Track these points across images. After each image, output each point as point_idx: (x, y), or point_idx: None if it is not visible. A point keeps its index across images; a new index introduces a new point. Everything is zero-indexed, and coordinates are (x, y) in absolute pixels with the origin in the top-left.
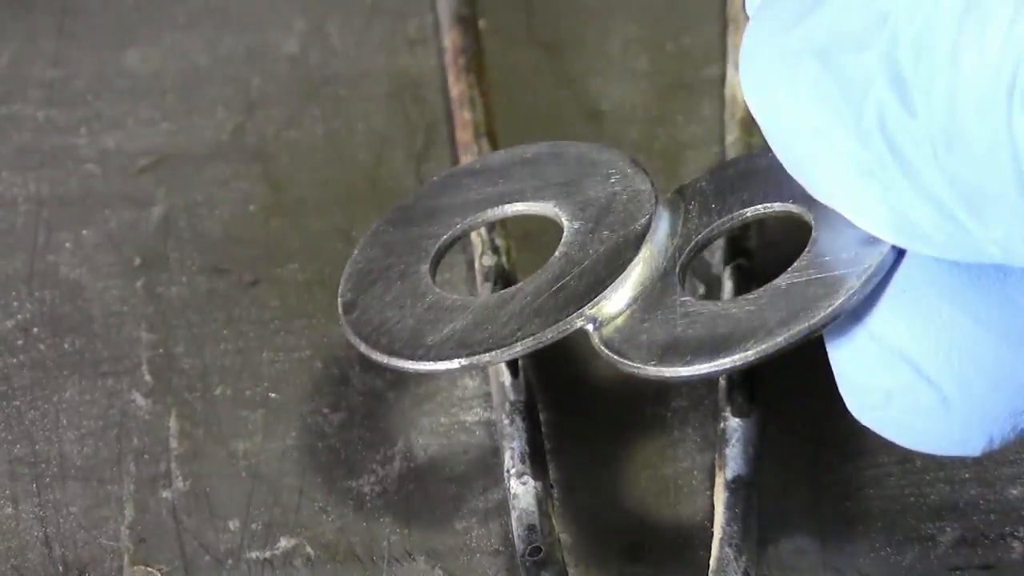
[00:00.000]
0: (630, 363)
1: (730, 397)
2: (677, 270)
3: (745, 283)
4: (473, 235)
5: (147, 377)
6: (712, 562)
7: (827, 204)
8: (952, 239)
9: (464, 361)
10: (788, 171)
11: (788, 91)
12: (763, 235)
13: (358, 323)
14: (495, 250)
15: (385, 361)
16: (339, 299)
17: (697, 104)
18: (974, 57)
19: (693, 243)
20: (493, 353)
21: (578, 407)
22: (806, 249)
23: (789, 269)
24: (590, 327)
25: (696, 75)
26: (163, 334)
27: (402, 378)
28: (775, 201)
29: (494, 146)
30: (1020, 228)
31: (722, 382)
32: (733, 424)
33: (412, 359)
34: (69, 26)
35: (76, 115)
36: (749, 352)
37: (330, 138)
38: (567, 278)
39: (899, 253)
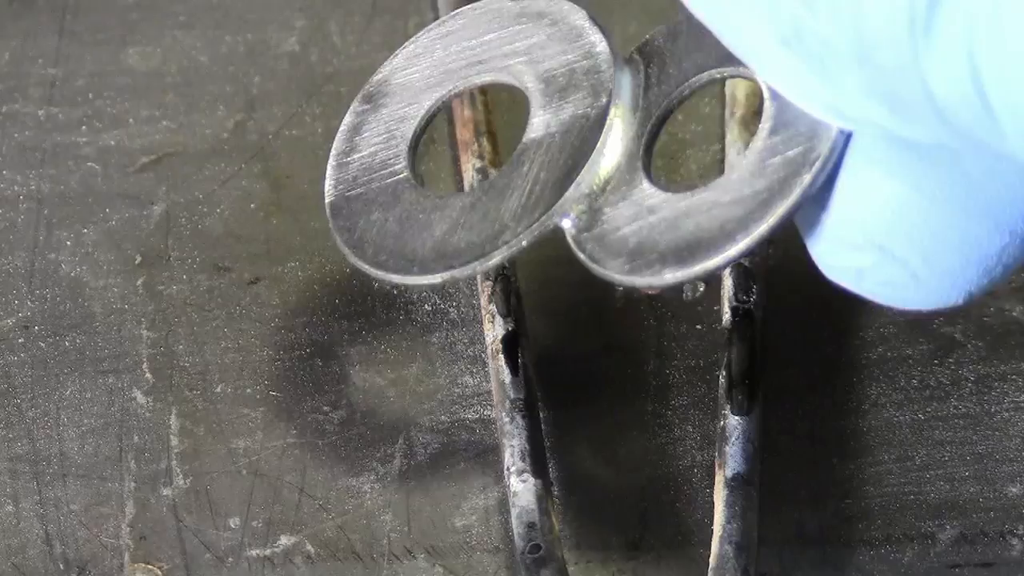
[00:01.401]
0: (604, 271)
1: (730, 395)
2: (641, 152)
3: (745, 280)
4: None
5: (148, 375)
6: (712, 560)
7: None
8: (885, 129)
9: (446, 275)
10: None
11: None
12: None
13: (345, 229)
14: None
15: (372, 273)
16: (325, 200)
17: (697, 102)
18: None
19: (654, 119)
20: (473, 265)
21: (578, 405)
22: (760, 125)
23: (747, 151)
24: (566, 224)
25: None
26: (164, 332)
27: (403, 376)
28: (728, 65)
29: (493, 144)
30: (944, 132)
31: (722, 380)
32: (733, 422)
33: (397, 272)
34: (70, 24)
35: (77, 113)
36: (709, 263)
37: (330, 136)
38: (536, 170)
39: (845, 139)
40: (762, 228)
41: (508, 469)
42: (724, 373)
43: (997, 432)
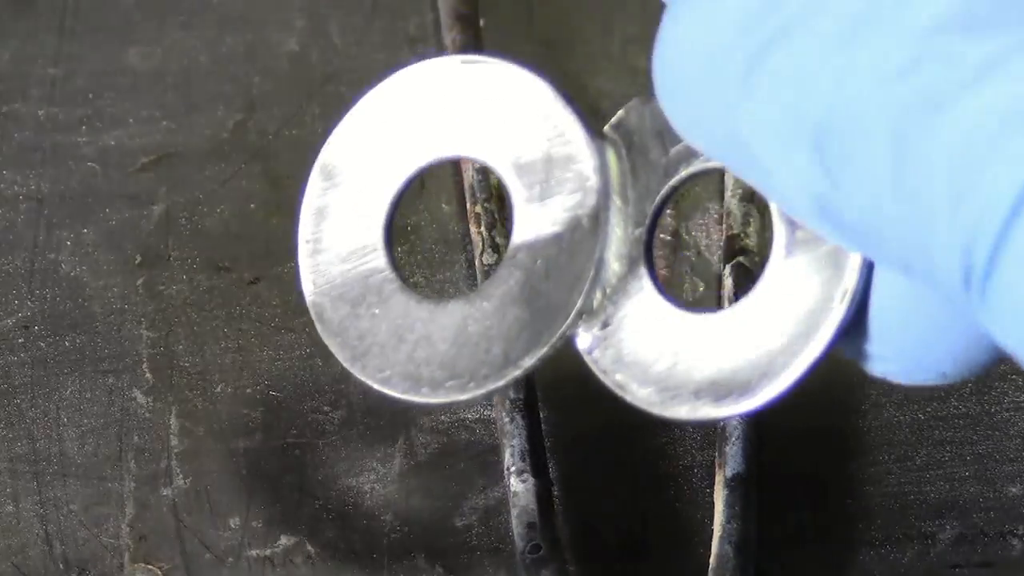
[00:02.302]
0: (634, 400)
1: None
2: (643, 255)
3: (745, 281)
4: (473, 233)
5: (148, 375)
6: (712, 560)
7: None
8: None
9: (461, 397)
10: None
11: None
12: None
13: (335, 335)
14: (495, 248)
15: (379, 388)
16: (306, 296)
17: None
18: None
19: (649, 216)
20: (487, 387)
21: (578, 405)
22: (774, 242)
23: (764, 271)
24: (581, 344)
25: None
26: (163, 332)
27: None
28: None
29: None
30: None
31: None
32: (733, 422)
33: (405, 392)
34: (70, 24)
35: (77, 113)
36: (745, 406)
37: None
38: (535, 281)
39: (869, 266)
40: (799, 370)
41: (508, 469)
42: None
43: (997, 432)
